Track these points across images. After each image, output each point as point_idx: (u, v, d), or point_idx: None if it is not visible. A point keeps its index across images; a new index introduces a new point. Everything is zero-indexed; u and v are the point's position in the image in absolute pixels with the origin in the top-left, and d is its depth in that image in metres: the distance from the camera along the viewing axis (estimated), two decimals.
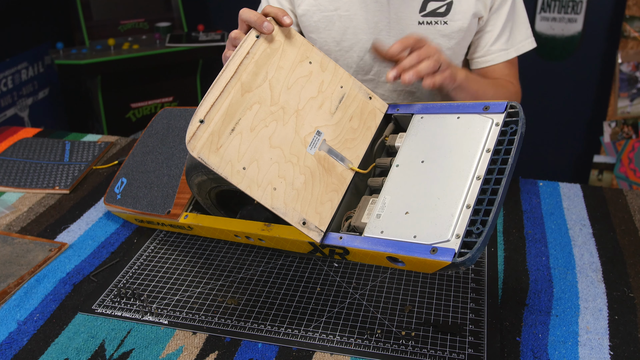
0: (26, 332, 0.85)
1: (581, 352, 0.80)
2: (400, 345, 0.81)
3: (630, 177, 2.50)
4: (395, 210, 0.76)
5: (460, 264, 0.67)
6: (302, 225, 0.76)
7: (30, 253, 1.00)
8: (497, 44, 1.18)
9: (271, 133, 0.77)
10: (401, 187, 0.79)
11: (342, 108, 0.85)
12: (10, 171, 1.28)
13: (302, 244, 0.81)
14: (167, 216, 0.98)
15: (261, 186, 0.74)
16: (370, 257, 0.75)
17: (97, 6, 2.68)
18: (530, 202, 1.16)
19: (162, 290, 0.92)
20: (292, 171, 0.77)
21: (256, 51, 0.78)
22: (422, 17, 1.12)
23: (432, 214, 0.72)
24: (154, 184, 1.05)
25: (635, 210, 1.13)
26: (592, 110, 2.64)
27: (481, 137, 0.78)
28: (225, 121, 0.74)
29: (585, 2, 2.47)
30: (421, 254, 0.69)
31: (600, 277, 0.95)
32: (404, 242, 0.71)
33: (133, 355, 0.80)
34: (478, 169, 0.75)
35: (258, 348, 0.81)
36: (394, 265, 0.74)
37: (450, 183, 0.75)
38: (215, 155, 0.72)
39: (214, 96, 0.74)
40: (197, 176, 0.87)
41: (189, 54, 2.65)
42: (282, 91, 0.80)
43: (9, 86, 2.57)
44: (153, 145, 1.14)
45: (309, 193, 0.78)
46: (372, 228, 0.75)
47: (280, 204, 0.75)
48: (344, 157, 0.83)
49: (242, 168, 0.74)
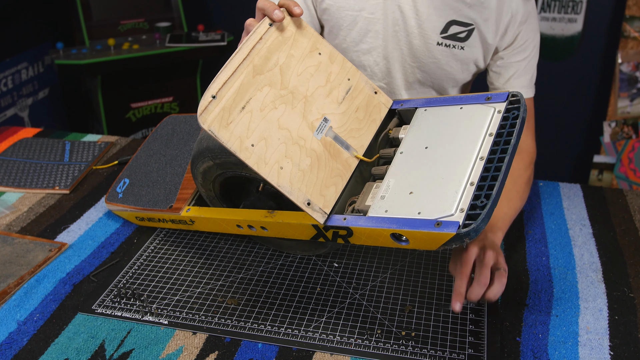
0: (26, 332, 0.85)
1: (581, 352, 0.80)
2: (400, 345, 0.81)
3: (630, 177, 2.50)
4: (399, 191, 0.77)
5: (465, 235, 0.67)
6: (307, 206, 0.77)
7: (30, 253, 1.00)
8: (520, 80, 1.15)
9: (280, 115, 0.79)
10: (405, 171, 0.80)
11: (349, 99, 0.87)
12: (10, 171, 1.28)
13: (306, 229, 0.81)
14: (169, 210, 0.98)
15: (268, 164, 0.76)
16: (374, 237, 0.75)
17: (97, 6, 2.68)
18: (530, 202, 1.16)
19: (162, 290, 0.92)
20: (298, 153, 0.79)
21: (269, 37, 0.81)
22: (442, 39, 1.11)
23: (436, 192, 0.73)
24: (157, 183, 1.06)
25: (635, 210, 1.13)
26: (592, 110, 2.64)
27: (484, 123, 0.80)
28: (236, 99, 0.76)
29: (585, 2, 2.47)
30: (425, 228, 0.70)
31: (600, 277, 0.95)
32: (408, 219, 0.72)
33: (133, 355, 0.80)
34: (481, 150, 0.76)
35: (258, 348, 0.81)
36: (398, 245, 0.74)
37: (454, 164, 0.76)
38: (225, 130, 0.74)
39: (226, 74, 0.76)
40: (203, 163, 0.88)
41: (189, 54, 2.65)
42: (292, 77, 0.82)
43: (9, 86, 2.57)
44: (157, 148, 1.15)
45: (314, 175, 0.79)
46: (377, 208, 0.76)
47: (286, 182, 0.76)
48: (349, 145, 0.84)
49: (251, 145, 0.75)
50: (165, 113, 2.82)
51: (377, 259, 0.99)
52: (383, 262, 0.98)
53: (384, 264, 0.97)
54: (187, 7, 2.92)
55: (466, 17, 1.08)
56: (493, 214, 0.91)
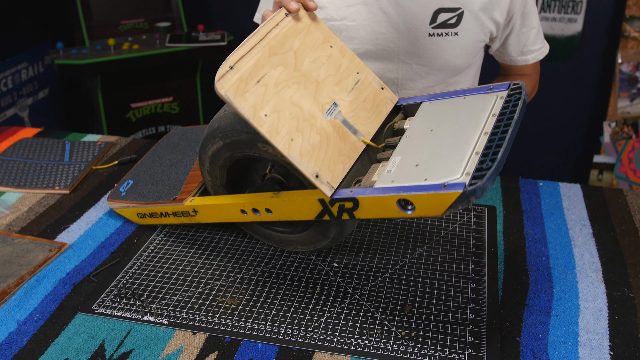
0: (26, 332, 0.85)
1: (581, 352, 0.80)
2: (400, 345, 0.81)
3: (630, 177, 2.50)
4: (405, 165, 0.79)
5: (471, 193, 0.68)
6: (315, 178, 0.79)
7: (30, 253, 1.00)
8: (536, 44, 1.22)
9: (292, 93, 0.82)
10: (411, 149, 0.82)
11: (357, 90, 0.90)
12: (10, 171, 1.28)
13: (311, 205, 0.83)
14: (172, 202, 0.99)
15: (280, 134, 0.78)
16: (380, 206, 0.76)
17: (97, 6, 2.68)
18: (530, 202, 1.16)
19: (162, 290, 0.92)
20: (309, 129, 0.81)
21: (285, 25, 0.86)
22: (433, 29, 1.11)
23: (441, 161, 0.75)
24: (161, 181, 1.07)
25: (635, 210, 1.13)
26: (592, 110, 2.64)
27: (487, 107, 0.83)
28: (252, 72, 0.79)
29: (585, 2, 2.47)
30: (432, 190, 0.71)
31: (600, 277, 0.95)
32: (414, 185, 0.73)
33: (133, 355, 0.80)
34: (485, 127, 0.79)
35: (258, 348, 0.81)
36: (404, 214, 0.75)
37: (459, 139, 0.78)
38: (240, 98, 0.77)
39: (244, 50, 0.80)
40: (213, 144, 0.90)
41: (189, 54, 2.65)
42: (305, 62, 0.86)
43: (9, 86, 2.57)
44: (163, 154, 1.17)
45: (323, 152, 0.81)
46: (383, 180, 0.78)
47: (296, 153, 0.78)
48: (357, 131, 0.87)
49: (264, 115, 0.78)
50: (165, 113, 2.82)
51: (377, 259, 0.99)
52: (383, 262, 0.98)
53: (384, 264, 0.97)
54: (187, 7, 2.92)
55: (452, 1, 1.08)
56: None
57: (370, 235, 1.05)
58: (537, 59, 1.25)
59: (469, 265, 0.97)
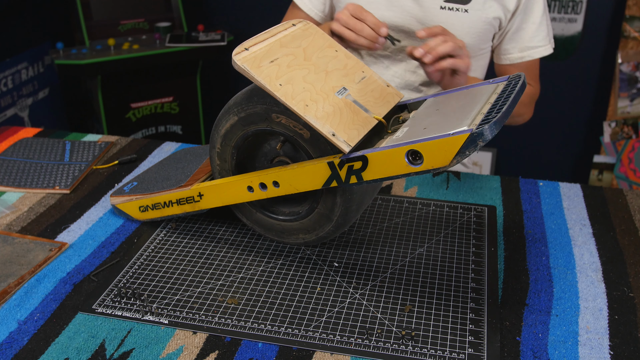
0: (26, 332, 0.85)
1: (581, 352, 0.80)
2: (400, 345, 0.81)
3: (630, 177, 2.51)
4: (414, 130, 0.83)
5: (479, 135, 0.70)
6: (332, 136, 0.81)
7: (30, 253, 1.01)
8: (535, 40, 1.24)
9: (304, 75, 0.87)
10: (418, 122, 0.86)
11: (364, 83, 0.95)
12: (10, 171, 1.28)
13: (320, 170, 0.84)
14: (178, 188, 1.01)
15: (295, 99, 0.82)
16: (388, 162, 0.78)
17: (97, 6, 2.68)
18: (530, 202, 1.16)
19: (162, 289, 0.92)
20: (322, 101, 0.86)
21: (293, 30, 0.94)
22: (445, 2, 1.18)
23: (449, 122, 0.78)
24: (167, 178, 1.08)
25: (635, 210, 1.13)
26: (592, 110, 2.64)
27: (490, 89, 0.89)
28: (266, 54, 0.85)
29: (585, 2, 2.47)
30: (440, 138, 0.73)
31: (600, 277, 0.95)
32: (423, 138, 0.76)
33: (133, 354, 0.80)
34: (489, 99, 0.84)
35: (258, 348, 0.81)
36: (412, 169, 0.77)
37: (464, 109, 0.82)
38: (257, 68, 0.82)
39: (258, 39, 0.87)
40: (227, 121, 0.92)
41: (189, 54, 2.65)
42: (313, 56, 0.92)
43: (9, 86, 2.57)
44: (169, 163, 1.20)
45: (337, 118, 0.84)
46: (392, 142, 0.81)
47: (312, 115, 0.82)
48: (368, 110, 0.90)
49: (279, 84, 0.83)
50: (165, 113, 2.82)
51: (377, 259, 0.99)
52: (383, 261, 0.98)
53: (384, 264, 0.98)
54: (187, 7, 2.92)
55: None
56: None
57: (371, 235, 1.05)
58: (532, 57, 1.28)
59: (469, 265, 0.97)
